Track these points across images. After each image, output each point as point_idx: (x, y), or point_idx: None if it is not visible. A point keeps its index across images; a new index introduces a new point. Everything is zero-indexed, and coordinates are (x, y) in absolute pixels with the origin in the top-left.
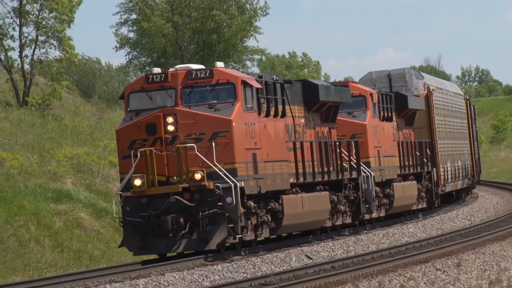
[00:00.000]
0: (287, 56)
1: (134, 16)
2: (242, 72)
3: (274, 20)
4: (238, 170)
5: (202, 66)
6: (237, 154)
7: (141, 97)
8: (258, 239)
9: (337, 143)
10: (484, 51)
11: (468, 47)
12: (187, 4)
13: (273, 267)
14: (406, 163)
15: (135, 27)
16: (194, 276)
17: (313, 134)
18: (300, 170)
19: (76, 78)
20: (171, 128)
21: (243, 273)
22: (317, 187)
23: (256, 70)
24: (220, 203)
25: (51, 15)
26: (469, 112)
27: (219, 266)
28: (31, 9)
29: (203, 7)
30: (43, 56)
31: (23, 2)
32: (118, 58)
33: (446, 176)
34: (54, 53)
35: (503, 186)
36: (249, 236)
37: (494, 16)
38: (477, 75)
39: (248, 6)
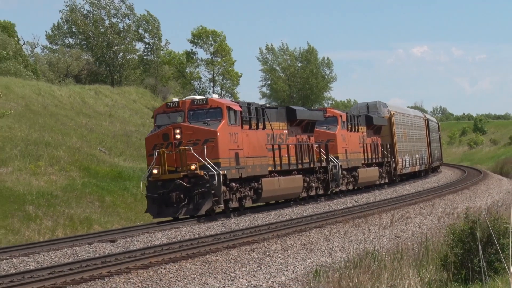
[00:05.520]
0: (345, 101)
1: (269, 81)
2: (231, 100)
3: (338, 83)
4: (221, 163)
5: (203, 97)
6: (221, 153)
7: (163, 117)
8: (245, 206)
9: (311, 145)
10: (445, 98)
11: (437, 97)
12: (296, 75)
13: (338, 206)
14: (370, 157)
15: (269, 87)
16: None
17: (294, 139)
18: (277, 162)
19: None
20: (178, 136)
21: (323, 208)
22: (293, 172)
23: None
24: (207, 185)
25: (228, 81)
26: (427, 127)
27: (311, 205)
28: (218, 79)
29: (304, 77)
30: None
31: (214, 74)
32: (261, 102)
33: (404, 164)
34: None
35: (454, 166)
36: (234, 205)
37: (448, 82)
38: (440, 110)
39: (326, 76)
